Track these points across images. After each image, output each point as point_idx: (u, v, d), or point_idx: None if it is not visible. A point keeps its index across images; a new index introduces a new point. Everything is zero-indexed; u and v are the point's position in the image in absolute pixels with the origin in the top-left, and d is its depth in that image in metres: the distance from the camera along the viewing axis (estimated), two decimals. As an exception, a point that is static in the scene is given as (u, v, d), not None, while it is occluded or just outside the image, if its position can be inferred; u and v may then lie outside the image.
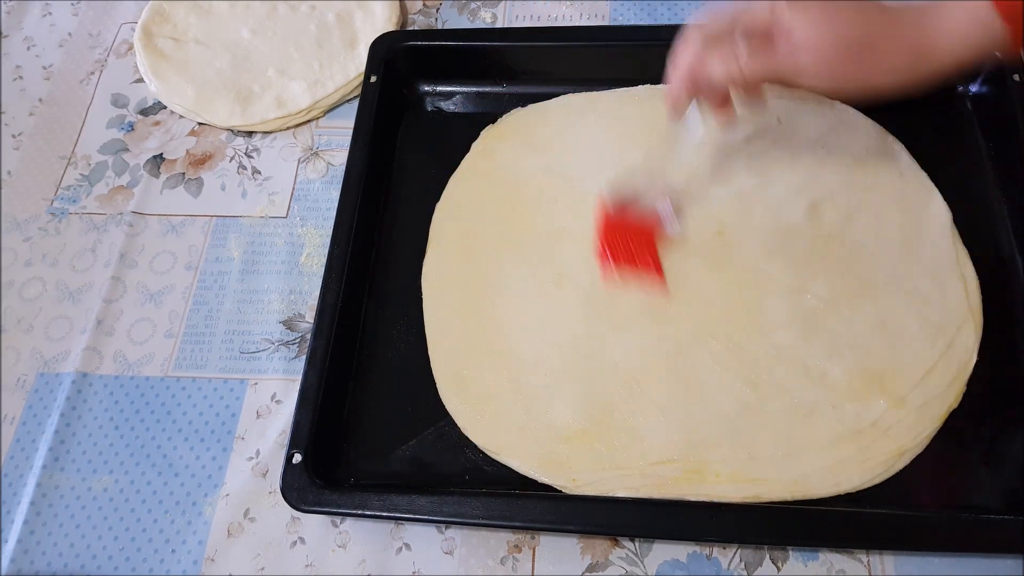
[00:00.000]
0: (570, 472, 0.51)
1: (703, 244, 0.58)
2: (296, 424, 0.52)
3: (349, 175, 0.61)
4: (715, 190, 0.60)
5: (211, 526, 0.54)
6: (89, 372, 0.60)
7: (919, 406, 0.51)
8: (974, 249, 0.56)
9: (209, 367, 0.59)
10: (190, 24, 0.74)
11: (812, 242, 0.57)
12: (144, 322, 0.62)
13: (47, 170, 0.70)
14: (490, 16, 0.75)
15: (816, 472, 0.49)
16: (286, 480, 0.50)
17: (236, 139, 0.70)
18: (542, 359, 0.55)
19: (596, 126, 0.64)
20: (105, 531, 0.54)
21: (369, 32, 0.71)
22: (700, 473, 0.50)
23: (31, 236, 0.67)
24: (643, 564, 0.50)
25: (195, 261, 0.64)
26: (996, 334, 0.53)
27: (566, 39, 0.67)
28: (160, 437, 0.57)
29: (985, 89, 0.62)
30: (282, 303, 0.62)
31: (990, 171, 0.60)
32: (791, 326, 0.54)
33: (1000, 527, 0.46)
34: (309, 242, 0.64)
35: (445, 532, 0.52)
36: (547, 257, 0.59)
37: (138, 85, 0.74)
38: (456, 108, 0.69)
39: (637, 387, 0.53)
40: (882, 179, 0.59)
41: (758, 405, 0.52)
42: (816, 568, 0.49)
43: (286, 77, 0.70)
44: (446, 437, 0.54)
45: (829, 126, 0.62)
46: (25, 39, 0.79)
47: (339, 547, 0.52)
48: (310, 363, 0.54)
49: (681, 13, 0.72)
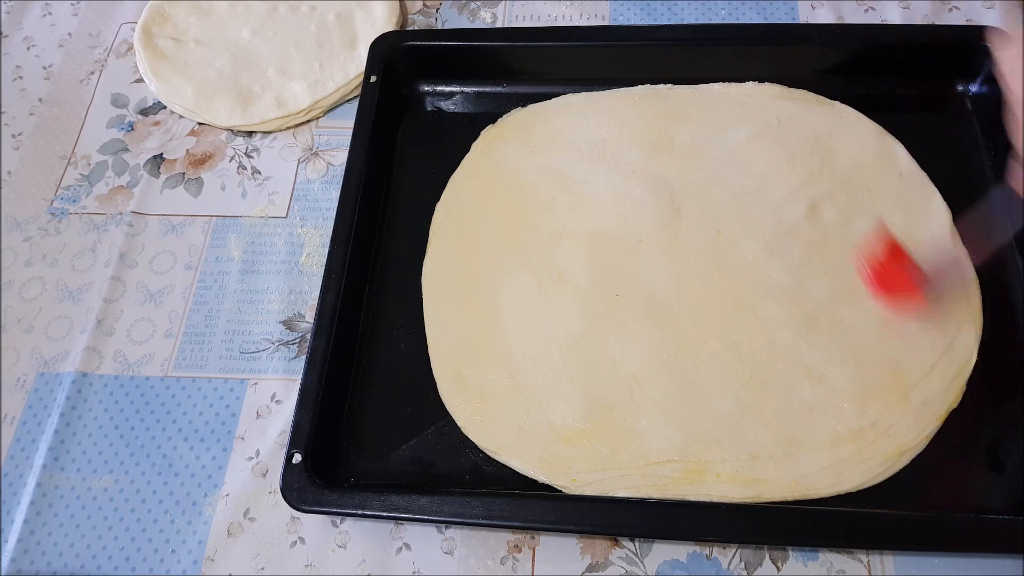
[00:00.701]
0: (570, 472, 0.51)
1: (703, 244, 0.58)
2: (296, 424, 0.52)
3: (349, 175, 0.61)
4: (715, 190, 0.60)
5: (211, 526, 0.54)
6: (89, 372, 0.60)
7: (919, 406, 0.51)
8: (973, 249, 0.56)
9: (209, 367, 0.59)
10: (190, 24, 0.74)
11: (812, 242, 0.57)
12: (144, 322, 0.62)
13: (47, 170, 0.70)
14: (490, 16, 0.75)
15: (816, 472, 0.49)
16: (286, 480, 0.50)
17: (236, 139, 0.70)
18: (542, 359, 0.55)
19: (596, 126, 0.64)
20: (105, 531, 0.54)
21: (369, 32, 0.72)
22: (700, 473, 0.50)
23: (31, 236, 0.67)
24: (643, 564, 0.50)
25: (195, 261, 0.64)
26: (996, 334, 0.53)
27: (566, 39, 0.67)
28: (160, 437, 0.57)
29: (985, 89, 0.62)
30: (282, 303, 0.62)
31: (990, 171, 0.60)
32: (791, 326, 0.54)
33: (1000, 527, 0.46)
34: (309, 242, 0.64)
35: (445, 532, 0.52)
36: (547, 257, 0.59)
37: (138, 85, 0.74)
38: (456, 108, 0.69)
39: (637, 387, 0.53)
40: (882, 179, 0.59)
41: (758, 405, 0.52)
42: (816, 568, 0.49)
43: (286, 77, 0.70)
44: (446, 437, 0.54)
45: (829, 126, 0.62)
46: (25, 39, 0.79)
47: (339, 547, 0.52)
48: (310, 363, 0.54)
49: (681, 13, 0.73)
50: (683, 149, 0.62)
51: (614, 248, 0.58)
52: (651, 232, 0.59)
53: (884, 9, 0.71)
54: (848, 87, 0.62)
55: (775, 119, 0.62)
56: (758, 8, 0.72)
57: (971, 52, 0.62)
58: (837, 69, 0.63)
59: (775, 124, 0.62)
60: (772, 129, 0.62)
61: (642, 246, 0.58)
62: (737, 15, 0.72)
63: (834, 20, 0.70)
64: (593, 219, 0.60)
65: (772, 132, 0.62)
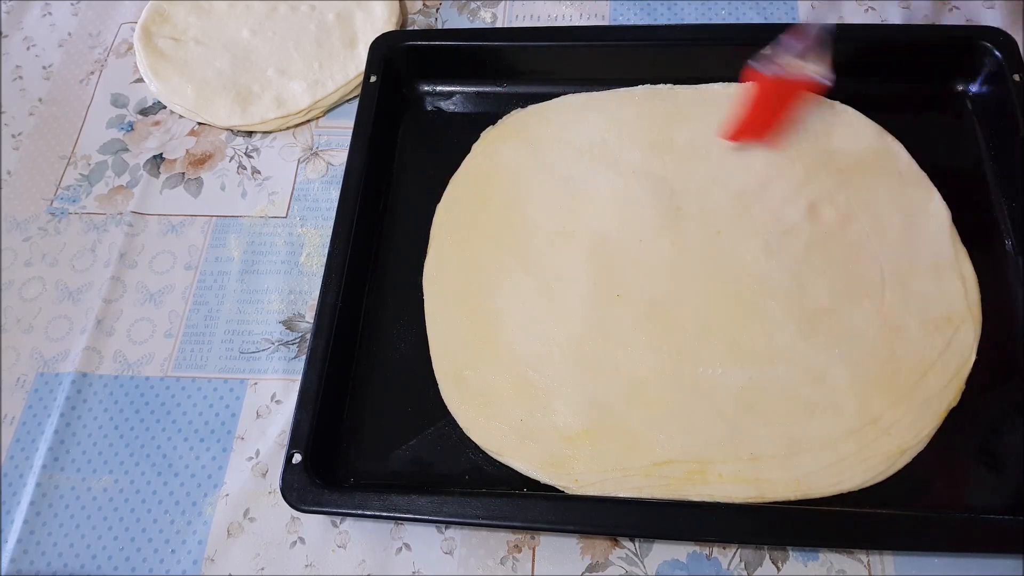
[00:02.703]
0: (572, 473, 0.51)
1: (703, 244, 0.58)
2: (296, 424, 0.52)
3: (349, 175, 0.61)
4: (715, 190, 0.60)
5: (211, 526, 0.54)
6: (89, 372, 0.60)
7: (919, 404, 0.51)
8: (973, 248, 0.56)
9: (209, 367, 0.59)
10: (190, 24, 0.74)
11: (812, 242, 0.57)
12: (144, 322, 0.62)
13: (47, 170, 0.70)
14: (490, 16, 0.75)
15: (818, 471, 0.49)
16: (286, 480, 0.50)
17: (236, 139, 0.70)
18: (544, 359, 0.55)
19: (596, 126, 0.64)
20: (105, 531, 0.54)
21: (369, 32, 0.71)
22: (703, 473, 0.50)
23: (31, 236, 0.67)
24: (643, 564, 0.50)
25: (195, 261, 0.64)
26: (995, 333, 0.53)
27: (566, 39, 0.67)
28: (160, 437, 0.57)
29: (985, 89, 0.62)
30: (282, 303, 0.62)
31: (990, 171, 0.60)
32: (791, 326, 0.54)
33: (1000, 527, 0.46)
34: (309, 242, 0.64)
35: (445, 532, 0.52)
36: (548, 257, 0.59)
37: (138, 85, 0.74)
38: (456, 108, 0.69)
39: (639, 387, 0.53)
40: (881, 179, 0.59)
41: (759, 405, 0.52)
42: (816, 568, 0.49)
43: (286, 77, 0.70)
44: (446, 437, 0.54)
45: (829, 126, 0.62)
46: (25, 39, 0.79)
47: (339, 547, 0.52)
48: (310, 363, 0.54)
49: (681, 13, 0.73)
50: (683, 149, 0.62)
51: (614, 248, 0.58)
52: (651, 232, 0.59)
53: (884, 9, 0.71)
54: (848, 87, 0.62)
55: (775, 119, 0.62)
56: (758, 8, 0.72)
57: (971, 52, 0.62)
58: (837, 69, 0.63)
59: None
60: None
61: (642, 246, 0.58)
62: (737, 15, 0.72)
63: (834, 20, 0.70)
64: (593, 219, 0.60)
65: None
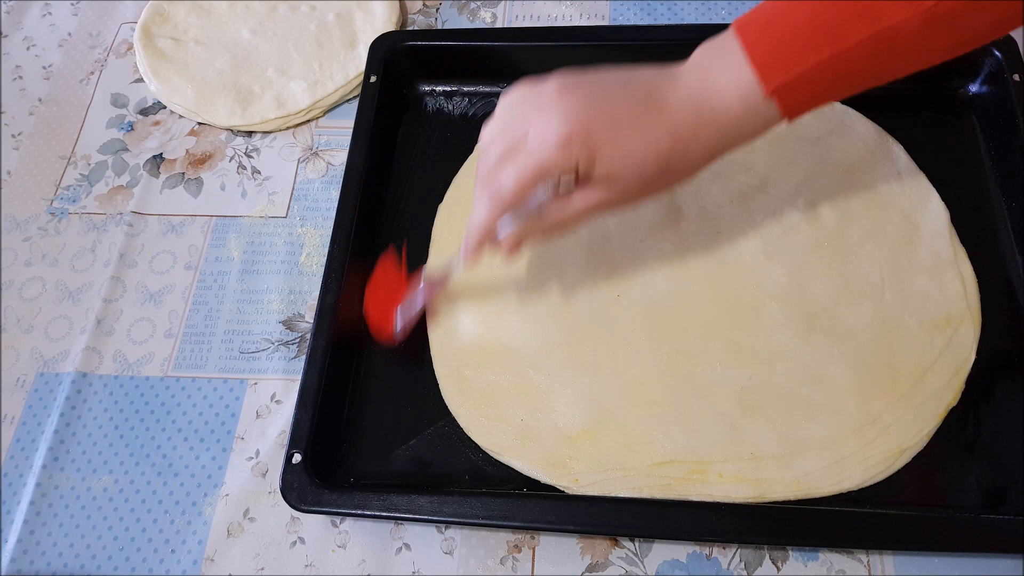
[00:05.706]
0: (573, 472, 0.51)
1: (703, 244, 0.58)
2: (296, 424, 0.52)
3: (349, 175, 0.61)
4: (715, 190, 0.60)
5: (211, 526, 0.54)
6: (89, 372, 0.60)
7: (919, 404, 0.51)
8: (972, 248, 0.56)
9: (209, 367, 0.59)
10: (190, 24, 0.74)
11: (811, 242, 0.57)
12: (144, 322, 0.62)
13: (47, 170, 0.70)
14: (490, 16, 0.75)
15: (818, 471, 0.49)
16: (286, 480, 0.50)
17: (236, 139, 0.70)
18: (544, 359, 0.55)
19: (596, 126, 0.64)
20: (105, 531, 0.54)
21: (369, 32, 0.72)
22: (703, 473, 0.50)
23: (31, 236, 0.67)
24: (643, 564, 0.50)
25: (195, 261, 0.64)
26: (995, 333, 0.53)
27: (566, 39, 0.67)
28: (160, 437, 0.57)
29: (985, 89, 0.62)
30: (282, 303, 0.62)
31: (989, 171, 0.60)
32: (791, 326, 0.54)
33: (1000, 527, 0.46)
34: (309, 242, 0.64)
35: (445, 532, 0.52)
36: (548, 257, 0.59)
37: (138, 85, 0.74)
38: (456, 108, 0.69)
39: (639, 387, 0.53)
40: (880, 179, 0.59)
41: (759, 404, 0.52)
42: (816, 568, 0.49)
43: (286, 77, 0.70)
44: (446, 437, 0.54)
45: (828, 126, 0.62)
46: (25, 39, 0.79)
47: (339, 547, 0.52)
48: (310, 363, 0.54)
49: (681, 13, 0.73)
50: (683, 149, 0.62)
51: (615, 249, 0.58)
52: (652, 233, 0.59)
53: (884, 9, 0.71)
54: (848, 87, 0.62)
55: (775, 119, 0.62)
56: (758, 8, 0.72)
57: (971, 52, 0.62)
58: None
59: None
60: (771, 129, 0.62)
61: (643, 247, 0.58)
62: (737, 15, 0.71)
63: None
64: (593, 219, 0.60)
65: (771, 132, 0.62)
